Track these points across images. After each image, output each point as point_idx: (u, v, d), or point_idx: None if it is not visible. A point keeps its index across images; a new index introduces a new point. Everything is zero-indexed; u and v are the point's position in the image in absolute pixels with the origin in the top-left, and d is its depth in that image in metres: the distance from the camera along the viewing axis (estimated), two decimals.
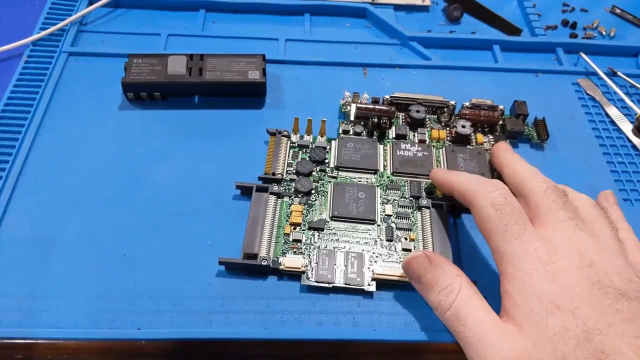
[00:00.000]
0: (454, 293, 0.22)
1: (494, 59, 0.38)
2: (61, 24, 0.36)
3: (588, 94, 0.36)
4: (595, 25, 0.42)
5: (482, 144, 0.32)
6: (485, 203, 0.23)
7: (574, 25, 0.42)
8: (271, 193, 0.28)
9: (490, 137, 0.33)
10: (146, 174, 0.29)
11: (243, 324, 0.24)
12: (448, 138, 0.32)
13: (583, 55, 0.38)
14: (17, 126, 0.31)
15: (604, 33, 0.41)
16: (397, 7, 0.42)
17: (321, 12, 0.41)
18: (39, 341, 0.23)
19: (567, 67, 0.38)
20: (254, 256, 0.25)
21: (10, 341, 0.23)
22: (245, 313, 0.24)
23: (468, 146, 0.32)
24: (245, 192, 0.28)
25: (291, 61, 0.36)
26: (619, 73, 0.37)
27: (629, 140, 0.34)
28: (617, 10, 0.44)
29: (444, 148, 0.32)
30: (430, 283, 0.23)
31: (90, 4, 0.39)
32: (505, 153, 0.28)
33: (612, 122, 0.35)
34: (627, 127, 0.34)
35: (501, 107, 0.33)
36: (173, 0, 0.39)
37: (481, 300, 0.22)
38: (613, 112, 0.35)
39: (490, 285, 0.24)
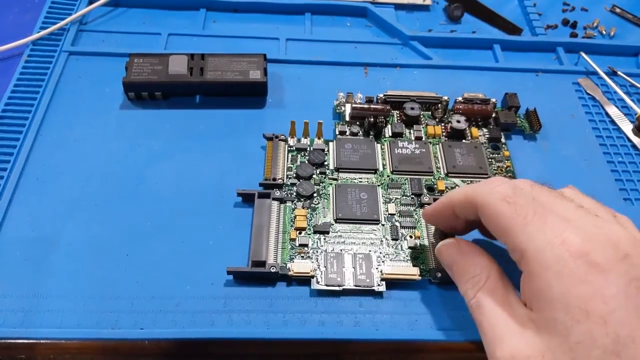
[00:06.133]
0: (480, 283, 0.21)
1: (494, 58, 0.39)
2: (61, 23, 0.36)
3: (588, 94, 0.36)
4: (595, 24, 0.42)
5: (477, 137, 0.32)
6: (495, 199, 0.21)
7: (574, 25, 0.42)
8: (273, 199, 0.28)
9: (485, 130, 0.33)
10: (148, 174, 0.29)
11: (246, 323, 0.24)
12: (444, 134, 0.32)
13: (583, 54, 0.38)
14: (18, 126, 0.31)
15: (604, 32, 0.41)
16: (398, 7, 0.42)
17: (322, 11, 0.40)
18: (41, 341, 0.23)
19: (568, 67, 0.38)
20: (262, 263, 0.25)
21: (13, 341, 0.23)
22: (248, 313, 0.24)
23: (464, 140, 0.32)
24: (247, 199, 0.28)
25: (292, 60, 0.36)
26: (619, 72, 0.37)
27: (629, 140, 0.34)
28: (617, 10, 0.44)
29: (440, 144, 0.32)
30: (459, 271, 0.23)
31: (90, 3, 0.38)
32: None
33: (613, 122, 0.35)
34: (627, 127, 0.34)
35: (493, 100, 0.33)
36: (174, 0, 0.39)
37: (506, 293, 0.21)
38: (613, 111, 0.35)
39: None
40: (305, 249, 0.26)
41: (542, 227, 0.19)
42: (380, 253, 0.26)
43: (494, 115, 0.33)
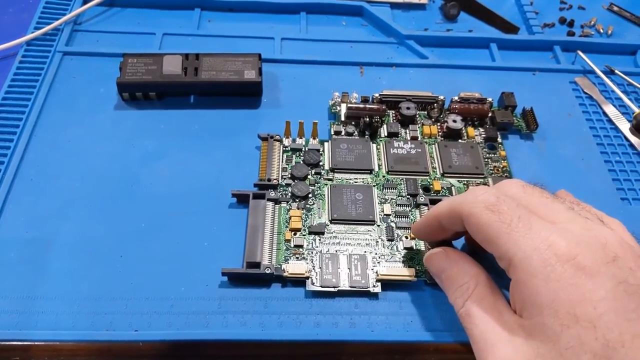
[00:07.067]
0: (469, 291, 0.21)
1: (491, 57, 0.38)
2: (55, 24, 0.36)
3: (585, 93, 0.36)
4: (592, 23, 0.42)
5: (473, 137, 0.32)
6: (478, 208, 0.20)
7: (571, 23, 0.42)
8: (268, 199, 0.28)
9: (481, 129, 0.33)
10: (142, 175, 0.29)
11: (240, 325, 0.24)
12: (440, 133, 0.32)
13: (580, 53, 0.38)
14: (12, 127, 0.31)
15: (601, 31, 0.41)
16: (394, 5, 0.41)
17: (317, 10, 0.40)
18: (36, 343, 0.23)
19: (565, 66, 0.38)
20: (257, 265, 0.25)
21: (7, 343, 0.23)
22: (243, 314, 0.24)
23: (460, 140, 0.32)
24: (242, 199, 0.28)
25: (287, 60, 0.36)
26: (616, 71, 0.37)
27: (627, 139, 0.34)
28: (615, 8, 0.44)
29: (436, 144, 0.32)
30: (448, 280, 0.23)
31: (85, 3, 0.38)
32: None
33: (610, 121, 0.35)
34: (624, 126, 0.34)
35: (489, 99, 0.33)
36: None
37: (496, 300, 0.21)
38: (611, 110, 0.35)
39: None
40: (300, 250, 0.26)
41: (527, 233, 0.19)
42: (376, 254, 0.26)
43: (490, 114, 0.33)
